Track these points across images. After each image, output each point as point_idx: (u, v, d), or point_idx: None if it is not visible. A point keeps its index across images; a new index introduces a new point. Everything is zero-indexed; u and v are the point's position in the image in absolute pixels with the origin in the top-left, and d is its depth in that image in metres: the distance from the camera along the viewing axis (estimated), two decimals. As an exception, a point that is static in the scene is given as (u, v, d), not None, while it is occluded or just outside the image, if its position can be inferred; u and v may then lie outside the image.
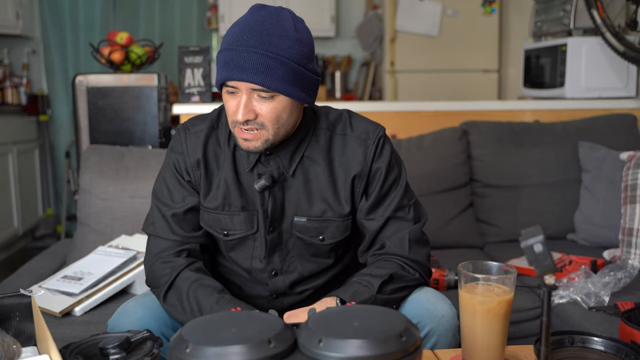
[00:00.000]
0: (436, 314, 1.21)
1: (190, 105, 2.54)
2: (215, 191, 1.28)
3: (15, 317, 1.06)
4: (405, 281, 1.25)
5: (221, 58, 1.16)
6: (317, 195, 1.27)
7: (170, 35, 4.68)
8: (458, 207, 2.32)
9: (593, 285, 1.71)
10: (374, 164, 1.28)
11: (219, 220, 1.29)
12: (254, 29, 1.14)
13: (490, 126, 2.44)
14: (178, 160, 1.29)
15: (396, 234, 1.28)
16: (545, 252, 0.83)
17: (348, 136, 1.29)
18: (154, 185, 1.34)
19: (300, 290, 1.34)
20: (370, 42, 4.53)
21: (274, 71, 1.13)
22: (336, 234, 1.29)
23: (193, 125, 1.31)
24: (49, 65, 4.57)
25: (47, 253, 2.26)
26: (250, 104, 1.15)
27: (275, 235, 1.29)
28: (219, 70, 1.17)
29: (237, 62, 1.13)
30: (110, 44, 2.57)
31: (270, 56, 1.13)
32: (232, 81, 1.15)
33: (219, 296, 1.20)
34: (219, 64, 1.17)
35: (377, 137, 1.28)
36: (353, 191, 1.28)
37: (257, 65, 1.12)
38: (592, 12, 2.54)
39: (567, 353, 1.06)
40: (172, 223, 1.28)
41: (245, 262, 1.32)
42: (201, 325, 0.81)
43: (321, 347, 0.75)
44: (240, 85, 1.15)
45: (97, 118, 2.43)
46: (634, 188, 2.01)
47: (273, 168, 1.26)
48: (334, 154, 1.28)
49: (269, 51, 1.13)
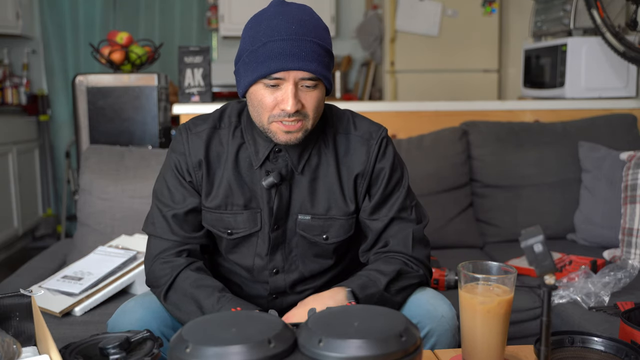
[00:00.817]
0: (436, 314, 1.21)
1: (190, 105, 2.54)
2: (216, 190, 1.28)
3: (15, 317, 1.06)
4: (411, 278, 1.25)
5: (268, 50, 1.14)
6: (321, 193, 1.28)
7: (170, 35, 4.68)
8: (458, 207, 2.32)
9: (593, 285, 1.71)
10: (377, 164, 1.28)
11: (222, 220, 1.29)
12: (298, 18, 1.16)
13: (490, 126, 2.44)
14: (179, 161, 1.29)
15: (400, 233, 1.29)
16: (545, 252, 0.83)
17: (351, 135, 1.29)
18: (155, 185, 1.34)
19: (300, 290, 1.34)
20: (370, 42, 4.52)
21: (322, 59, 1.16)
22: (340, 233, 1.29)
23: (195, 126, 1.31)
24: (49, 65, 4.57)
25: (47, 253, 2.26)
26: (297, 94, 1.16)
27: (279, 233, 1.29)
28: (263, 64, 1.14)
29: (292, 51, 1.13)
30: (110, 44, 2.57)
31: (320, 44, 1.16)
32: (282, 71, 1.14)
33: (219, 295, 1.20)
34: (261, 56, 1.15)
35: (380, 138, 1.29)
36: (356, 190, 1.29)
37: (312, 54, 1.14)
38: (592, 12, 2.54)
39: (567, 353, 1.05)
40: (173, 224, 1.28)
41: (248, 259, 1.32)
42: (201, 325, 0.81)
43: (321, 347, 0.75)
44: (289, 76, 1.14)
45: (97, 118, 2.43)
46: (634, 188, 2.01)
47: (282, 165, 1.26)
48: (339, 153, 1.29)
49: (319, 39, 1.16)
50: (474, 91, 4.30)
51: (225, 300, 1.19)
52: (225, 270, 1.38)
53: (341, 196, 1.28)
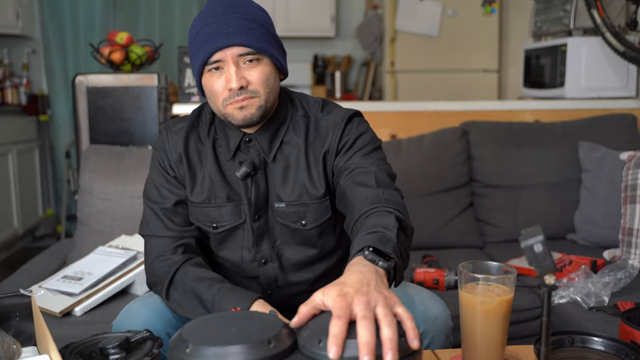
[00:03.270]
0: (429, 315, 1.21)
1: (190, 105, 2.54)
2: (200, 185, 1.30)
3: (15, 317, 1.06)
4: (405, 215, 1.13)
5: (201, 37, 1.18)
6: (293, 180, 1.28)
7: (170, 35, 4.68)
8: (458, 207, 2.32)
9: (593, 285, 1.71)
10: (344, 138, 1.28)
11: (207, 214, 1.30)
12: (223, 2, 1.19)
13: (490, 126, 2.44)
14: (162, 158, 1.32)
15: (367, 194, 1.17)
16: (545, 252, 0.83)
17: (321, 121, 1.30)
18: (144, 188, 1.37)
19: (294, 283, 1.34)
20: (370, 42, 4.53)
21: (255, 32, 1.18)
22: (317, 217, 1.29)
23: (174, 124, 1.35)
24: (49, 65, 4.57)
25: (47, 253, 2.26)
26: (239, 71, 1.18)
27: (261, 223, 1.30)
28: (200, 51, 1.18)
29: (220, 30, 1.16)
30: (110, 44, 2.57)
31: (249, 19, 1.18)
32: (218, 52, 1.17)
33: (219, 286, 1.20)
34: (197, 45, 1.19)
35: (348, 115, 1.29)
36: (325, 169, 1.29)
37: (239, 28, 1.16)
38: (592, 12, 2.54)
39: (567, 353, 1.05)
40: (165, 218, 1.30)
41: (236, 253, 1.33)
42: (201, 325, 0.81)
43: (321, 347, 0.75)
44: (227, 56, 1.17)
45: (97, 118, 2.43)
46: (634, 188, 2.01)
47: (254, 155, 1.28)
48: (309, 139, 1.30)
49: (247, 15, 1.18)
50: (474, 91, 4.30)
51: (225, 290, 1.19)
52: (218, 270, 1.38)
53: (310, 181, 1.28)
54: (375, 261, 0.91)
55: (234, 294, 1.18)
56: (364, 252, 0.93)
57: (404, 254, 1.03)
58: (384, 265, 0.91)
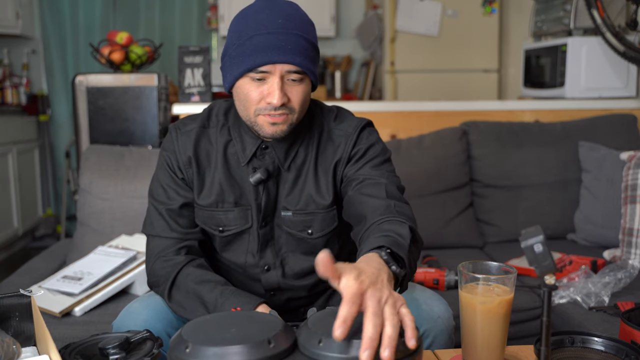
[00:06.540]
0: (432, 315, 1.21)
1: (190, 105, 2.54)
2: (208, 189, 1.29)
3: (15, 317, 1.06)
4: (414, 226, 1.13)
5: (255, 43, 1.15)
6: (302, 189, 1.28)
7: (170, 35, 4.68)
8: (458, 207, 2.32)
9: (593, 285, 1.71)
10: (355, 147, 1.28)
11: (214, 217, 1.29)
12: (284, 12, 1.17)
13: (490, 126, 2.44)
14: (170, 159, 1.30)
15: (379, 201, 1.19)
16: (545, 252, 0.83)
17: (333, 130, 1.30)
18: (150, 187, 1.35)
19: (296, 286, 1.34)
20: (370, 42, 4.53)
21: (307, 53, 1.17)
22: (323, 226, 1.29)
23: (184, 125, 1.32)
24: (49, 65, 4.57)
25: (47, 253, 2.26)
26: (284, 88, 1.16)
27: (267, 229, 1.30)
28: (250, 57, 1.15)
29: (278, 44, 1.14)
30: (110, 44, 2.57)
31: (306, 38, 1.17)
32: (268, 65, 1.14)
33: (222, 288, 1.20)
34: (247, 50, 1.15)
35: (361, 126, 1.29)
36: (335, 178, 1.28)
37: (297, 47, 1.15)
38: (592, 12, 2.54)
39: (567, 353, 1.05)
40: (169, 219, 1.29)
41: (240, 257, 1.32)
42: (201, 325, 0.81)
43: (321, 347, 0.75)
44: (276, 69, 1.15)
45: (97, 118, 2.43)
46: (634, 188, 2.01)
47: (269, 162, 1.27)
48: (321, 148, 1.29)
49: (304, 33, 1.17)
50: (474, 91, 4.30)
51: (228, 293, 1.19)
52: (221, 270, 1.38)
53: (317, 190, 1.27)
54: (389, 263, 0.92)
55: (237, 297, 1.17)
56: (381, 252, 0.94)
57: (412, 264, 1.04)
58: (396, 270, 0.92)
